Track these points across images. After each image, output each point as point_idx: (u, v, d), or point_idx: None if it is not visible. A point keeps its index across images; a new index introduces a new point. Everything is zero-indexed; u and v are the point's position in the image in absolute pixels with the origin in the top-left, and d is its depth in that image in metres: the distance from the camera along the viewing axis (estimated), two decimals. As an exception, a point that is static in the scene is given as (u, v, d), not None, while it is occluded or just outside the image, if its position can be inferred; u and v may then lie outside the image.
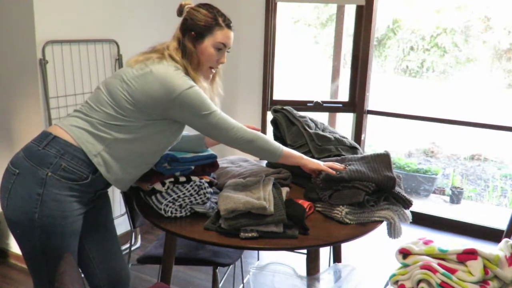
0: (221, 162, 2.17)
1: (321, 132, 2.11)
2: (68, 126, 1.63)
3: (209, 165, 1.87)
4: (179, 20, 1.75)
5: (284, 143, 2.13)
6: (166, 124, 1.67)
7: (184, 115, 1.63)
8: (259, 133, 1.74)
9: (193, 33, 1.69)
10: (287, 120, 2.20)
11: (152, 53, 1.69)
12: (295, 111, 2.23)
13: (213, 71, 1.79)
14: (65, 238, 1.61)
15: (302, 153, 2.04)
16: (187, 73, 1.67)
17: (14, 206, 1.57)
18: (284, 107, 2.25)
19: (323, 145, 2.04)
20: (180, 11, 1.74)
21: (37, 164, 1.56)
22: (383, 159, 1.82)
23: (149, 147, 1.68)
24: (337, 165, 1.84)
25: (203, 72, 1.75)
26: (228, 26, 1.74)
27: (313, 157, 2.00)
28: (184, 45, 1.69)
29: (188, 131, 1.90)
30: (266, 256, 3.06)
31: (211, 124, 1.64)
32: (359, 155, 1.94)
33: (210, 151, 1.89)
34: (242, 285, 2.71)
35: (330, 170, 1.80)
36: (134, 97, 1.60)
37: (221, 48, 1.73)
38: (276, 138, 2.26)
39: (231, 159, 2.27)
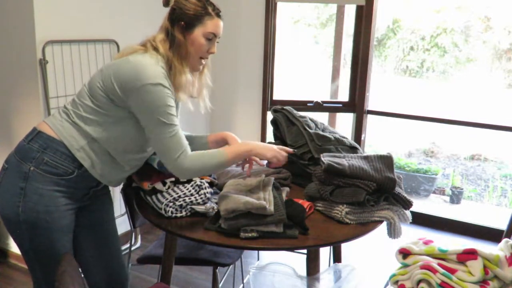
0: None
1: (321, 132, 2.11)
2: (53, 121, 1.64)
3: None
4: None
5: (284, 143, 2.12)
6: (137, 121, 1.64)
7: (140, 109, 1.57)
8: (198, 154, 1.61)
9: (182, 23, 1.64)
10: (287, 120, 2.20)
11: (137, 46, 1.68)
12: (295, 111, 2.23)
13: (203, 62, 1.75)
14: (52, 233, 1.61)
15: (303, 153, 2.04)
16: (170, 65, 1.63)
17: (1, 201, 1.60)
18: (284, 107, 2.25)
19: (323, 145, 2.04)
20: (166, 1, 1.68)
21: (22, 158, 1.58)
22: (386, 161, 1.83)
23: (125, 145, 1.66)
24: (287, 149, 1.80)
25: (191, 63, 1.70)
26: (218, 15, 1.69)
27: (312, 157, 2.00)
28: (173, 36, 1.64)
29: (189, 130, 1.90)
30: (266, 256, 3.06)
31: (159, 135, 1.56)
32: (362, 154, 1.95)
33: None
34: (242, 285, 2.71)
35: (282, 153, 1.74)
36: (105, 82, 1.58)
37: (211, 38, 1.68)
38: (276, 138, 2.26)
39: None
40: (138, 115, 1.59)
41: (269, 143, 2.23)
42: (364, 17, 3.47)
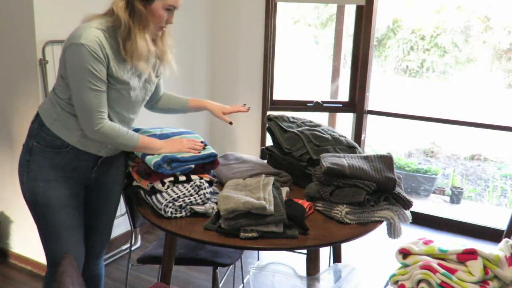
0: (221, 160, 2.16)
1: (318, 133, 2.10)
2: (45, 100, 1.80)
3: (209, 163, 1.86)
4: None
5: (281, 149, 2.12)
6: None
7: (67, 72, 1.64)
8: (115, 126, 1.70)
9: None
10: (280, 127, 2.20)
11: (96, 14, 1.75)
12: (287, 116, 2.25)
13: (164, 30, 1.76)
14: (49, 201, 1.73)
15: (301, 155, 2.04)
16: (129, 32, 1.63)
17: (18, 173, 1.80)
18: (276, 116, 2.25)
19: (321, 145, 2.04)
20: None
21: (29, 136, 1.78)
22: (386, 161, 1.83)
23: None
24: (197, 146, 1.82)
25: (151, 32, 1.71)
26: None
27: (311, 158, 2.00)
28: (133, 6, 1.63)
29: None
30: (266, 256, 3.06)
31: (77, 98, 1.64)
32: (362, 154, 1.94)
33: (211, 149, 1.87)
34: (242, 285, 2.71)
35: (193, 151, 1.79)
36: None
37: (171, 9, 1.70)
38: (274, 142, 2.24)
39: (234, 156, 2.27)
40: (68, 79, 1.66)
41: (266, 148, 2.23)
42: (364, 17, 3.47)
